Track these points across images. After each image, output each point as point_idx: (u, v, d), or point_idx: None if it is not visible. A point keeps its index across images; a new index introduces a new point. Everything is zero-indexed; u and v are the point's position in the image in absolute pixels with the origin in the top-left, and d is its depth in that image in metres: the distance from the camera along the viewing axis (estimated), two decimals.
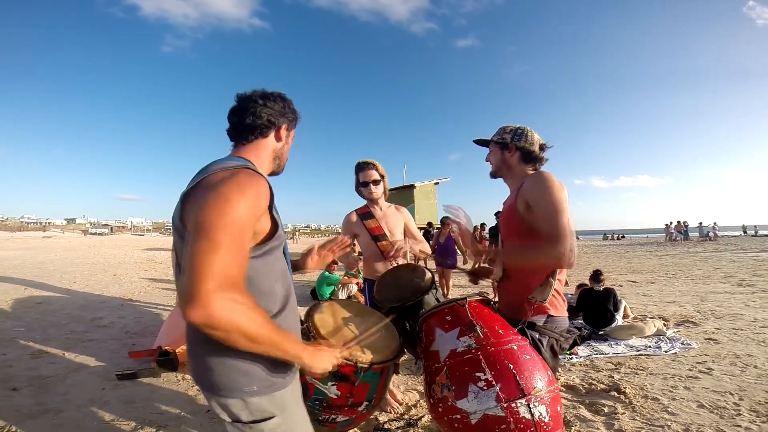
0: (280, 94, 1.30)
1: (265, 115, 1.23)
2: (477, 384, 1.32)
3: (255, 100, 1.24)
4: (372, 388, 1.45)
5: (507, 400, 1.28)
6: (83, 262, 13.14)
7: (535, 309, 1.63)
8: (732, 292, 7.64)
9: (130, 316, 5.89)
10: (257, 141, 1.26)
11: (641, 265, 13.62)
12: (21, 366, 3.72)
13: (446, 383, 1.40)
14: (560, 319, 1.69)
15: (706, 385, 3.28)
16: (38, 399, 3.05)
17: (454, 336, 1.48)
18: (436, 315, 1.60)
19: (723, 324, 5.23)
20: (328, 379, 1.35)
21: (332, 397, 1.36)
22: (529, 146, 1.78)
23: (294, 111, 1.34)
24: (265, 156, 1.28)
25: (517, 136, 1.80)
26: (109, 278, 9.74)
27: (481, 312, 1.56)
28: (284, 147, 1.33)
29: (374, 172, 2.59)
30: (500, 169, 1.88)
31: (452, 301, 1.60)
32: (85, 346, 4.38)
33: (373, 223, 2.59)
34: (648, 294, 7.69)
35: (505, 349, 1.39)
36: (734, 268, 11.21)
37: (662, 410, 2.86)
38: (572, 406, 2.97)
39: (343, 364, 1.34)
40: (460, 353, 1.42)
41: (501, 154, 1.84)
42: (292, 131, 1.35)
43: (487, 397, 1.29)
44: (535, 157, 1.81)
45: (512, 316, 1.66)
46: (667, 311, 6.04)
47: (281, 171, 1.38)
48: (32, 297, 6.94)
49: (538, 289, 1.62)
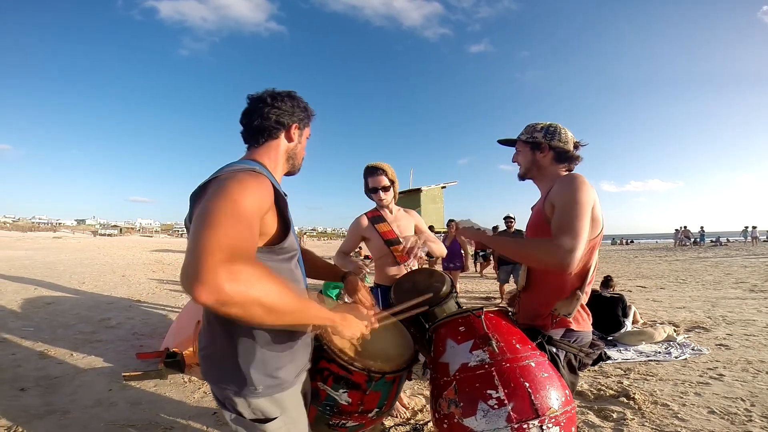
0: (289, 93, 1.28)
1: (274, 116, 1.22)
2: (488, 402, 1.23)
3: (263, 102, 1.23)
4: (383, 396, 1.43)
5: (519, 421, 1.18)
6: (92, 263, 13.26)
7: (557, 323, 1.53)
8: (744, 297, 7.53)
9: (138, 317, 5.93)
10: (268, 143, 1.25)
11: (651, 270, 13.47)
12: (29, 366, 3.75)
13: (454, 399, 1.30)
14: (582, 333, 1.58)
15: (716, 391, 3.22)
16: (46, 399, 3.07)
17: (467, 349, 1.39)
18: (449, 324, 1.51)
19: (734, 330, 5.15)
20: (340, 386, 1.34)
21: (343, 404, 1.35)
22: (563, 145, 1.66)
23: (305, 109, 1.32)
24: (278, 157, 1.27)
25: (550, 134, 1.67)
26: (117, 279, 9.82)
27: (498, 324, 1.46)
28: (297, 146, 1.31)
29: (384, 178, 2.51)
30: (530, 171, 1.74)
31: (467, 311, 1.51)
32: (93, 347, 4.41)
33: (385, 227, 2.53)
34: (658, 299, 7.60)
35: (521, 365, 1.29)
36: (746, 274, 11.05)
37: (672, 416, 2.82)
38: (581, 411, 2.93)
39: (356, 369, 1.33)
40: (472, 368, 1.33)
41: (532, 154, 1.70)
42: (305, 129, 1.34)
43: (497, 416, 1.20)
44: (570, 156, 1.67)
45: (531, 326, 1.57)
46: (677, 317, 5.95)
47: (297, 170, 1.36)
48: (42, 297, 7.02)
49: (563, 302, 1.52)
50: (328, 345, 1.36)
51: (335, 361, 1.34)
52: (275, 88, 1.28)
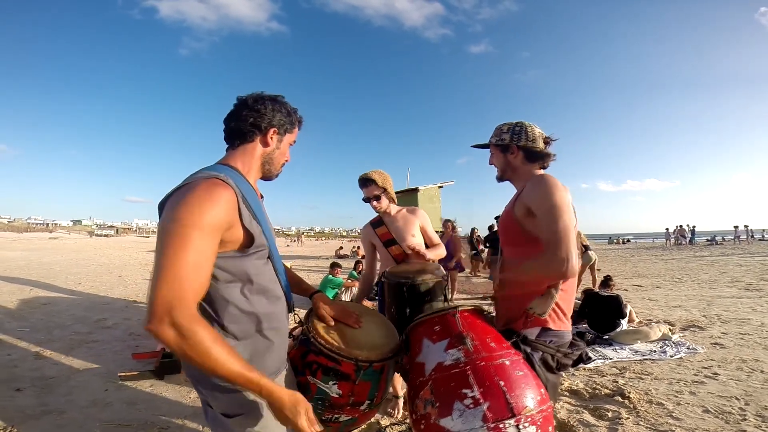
0: (274, 97, 1.27)
1: (250, 119, 1.21)
2: (463, 402, 1.22)
3: (243, 104, 1.23)
4: (373, 387, 1.44)
5: (495, 420, 1.16)
6: (89, 264, 13.23)
7: (531, 321, 1.52)
8: (739, 296, 7.57)
9: (135, 317, 5.91)
10: (243, 146, 1.24)
11: (647, 269, 13.53)
12: (25, 366, 3.74)
13: (430, 399, 1.29)
14: (559, 332, 1.56)
15: (711, 390, 3.24)
16: (41, 399, 3.06)
17: (442, 348, 1.38)
18: (425, 324, 1.51)
19: (729, 328, 5.18)
20: (329, 377, 1.35)
21: (334, 396, 1.37)
22: (531, 144, 1.64)
23: (288, 114, 1.29)
24: (252, 161, 1.25)
25: (516, 135, 1.66)
26: (114, 280, 9.80)
27: (473, 323, 1.45)
28: (274, 152, 1.28)
29: (374, 188, 2.53)
30: (505, 172, 1.74)
31: (442, 310, 1.51)
32: (89, 348, 4.40)
33: (383, 230, 2.62)
34: (654, 298, 7.63)
35: (496, 364, 1.28)
36: (741, 272, 11.11)
37: (667, 415, 2.83)
38: (576, 410, 2.95)
39: (344, 359, 1.34)
40: (447, 367, 1.32)
41: (503, 156, 1.71)
42: (286, 136, 1.30)
43: (473, 416, 1.19)
44: (540, 153, 1.66)
45: (508, 327, 1.56)
46: (672, 316, 5.98)
47: (274, 177, 1.34)
48: (38, 298, 7.00)
49: (538, 300, 1.49)
50: (315, 337, 1.38)
51: (323, 353, 1.35)
52: (263, 92, 1.27)
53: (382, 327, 1.64)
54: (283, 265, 1.34)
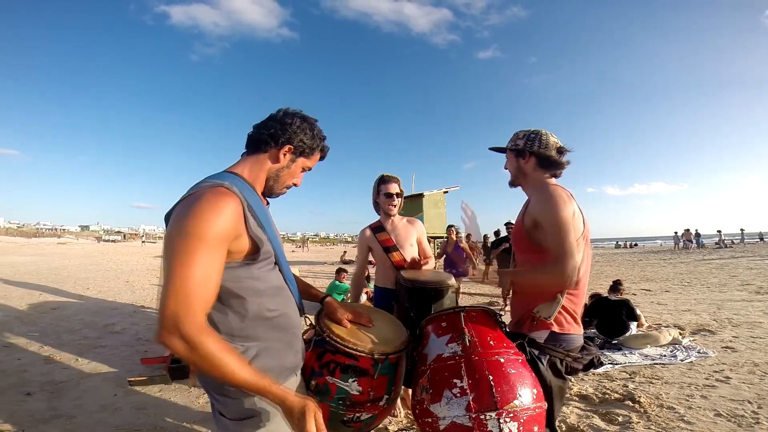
0: (306, 117, 1.26)
1: (272, 130, 1.20)
2: (452, 390, 1.31)
3: (275, 115, 1.24)
4: (390, 381, 1.48)
5: (477, 411, 1.23)
6: (97, 269, 13.33)
7: (537, 324, 1.56)
8: (749, 299, 7.48)
9: (143, 322, 5.94)
10: (255, 155, 1.23)
11: (655, 273, 13.41)
12: (35, 371, 3.77)
13: (426, 386, 1.40)
14: (568, 336, 1.58)
15: (723, 394, 3.20)
16: (51, 404, 3.08)
17: (444, 342, 1.48)
18: (435, 320, 1.60)
19: (740, 332, 5.12)
20: (348, 375, 1.37)
21: (354, 394, 1.38)
22: (545, 150, 1.67)
23: (313, 138, 1.26)
24: (259, 173, 1.23)
25: (530, 141, 1.69)
26: (121, 285, 9.86)
27: (478, 322, 1.52)
28: (282, 170, 1.25)
29: (396, 186, 2.70)
30: (517, 178, 1.78)
31: (452, 308, 1.58)
32: (97, 352, 4.42)
33: (384, 236, 2.68)
34: (663, 302, 7.56)
35: (490, 360, 1.35)
36: (751, 276, 10.98)
37: (678, 419, 2.80)
38: (585, 415, 2.92)
39: (361, 354, 1.37)
40: (444, 358, 1.42)
41: (516, 161, 1.74)
42: (300, 159, 1.27)
43: (458, 404, 1.27)
44: (554, 162, 1.68)
45: (517, 330, 1.61)
46: (682, 320, 5.92)
47: (274, 196, 1.31)
48: (47, 302, 7.05)
49: (545, 305, 1.55)
50: (330, 336, 1.39)
51: (340, 350, 1.37)
52: (300, 110, 1.26)
53: (391, 323, 1.70)
54: (291, 272, 1.34)
